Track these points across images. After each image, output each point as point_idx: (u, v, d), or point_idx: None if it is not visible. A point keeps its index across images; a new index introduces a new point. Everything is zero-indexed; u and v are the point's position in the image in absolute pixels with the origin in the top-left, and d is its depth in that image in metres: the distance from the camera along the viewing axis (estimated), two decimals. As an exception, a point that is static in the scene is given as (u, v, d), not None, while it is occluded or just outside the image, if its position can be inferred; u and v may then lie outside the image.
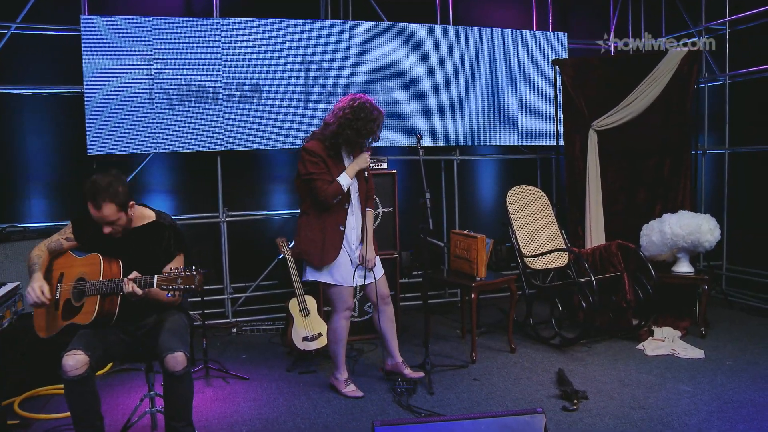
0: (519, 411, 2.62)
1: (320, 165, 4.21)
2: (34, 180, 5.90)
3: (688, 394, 4.28)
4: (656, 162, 6.19)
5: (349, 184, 4.27)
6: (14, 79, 5.72)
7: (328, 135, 4.24)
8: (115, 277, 3.34)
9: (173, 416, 3.34)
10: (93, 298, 3.31)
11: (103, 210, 3.27)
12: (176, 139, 5.84)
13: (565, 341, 5.32)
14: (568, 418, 3.94)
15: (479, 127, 6.83)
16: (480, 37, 6.76)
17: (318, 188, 4.19)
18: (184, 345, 3.32)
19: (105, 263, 3.35)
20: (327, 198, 4.19)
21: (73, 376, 3.13)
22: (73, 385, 3.15)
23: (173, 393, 3.30)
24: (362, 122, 4.20)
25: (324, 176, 4.20)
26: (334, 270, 4.31)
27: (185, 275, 3.18)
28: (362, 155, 4.33)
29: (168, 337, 3.33)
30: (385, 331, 4.60)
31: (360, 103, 4.21)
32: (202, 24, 5.87)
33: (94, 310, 3.29)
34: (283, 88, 6.12)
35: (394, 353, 4.68)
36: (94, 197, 3.26)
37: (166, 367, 3.24)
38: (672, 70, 5.99)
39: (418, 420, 3.17)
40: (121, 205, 3.31)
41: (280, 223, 6.56)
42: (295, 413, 4.15)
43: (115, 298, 3.34)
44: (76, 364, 3.13)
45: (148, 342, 3.45)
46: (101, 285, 3.29)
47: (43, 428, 3.93)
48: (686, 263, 5.65)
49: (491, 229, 6.10)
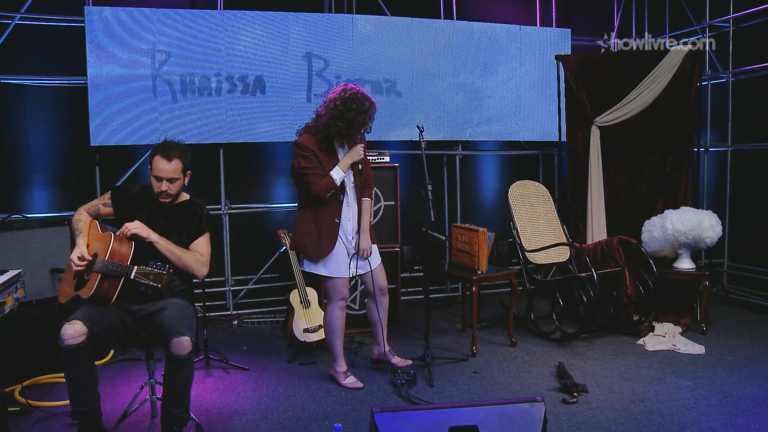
0: (518, 399, 2.62)
1: (312, 159, 4.19)
2: (37, 170, 5.91)
3: (688, 388, 4.29)
4: (658, 158, 6.19)
5: (342, 177, 4.24)
6: (18, 69, 5.74)
7: (320, 127, 4.21)
8: (123, 258, 3.42)
9: (171, 402, 3.35)
10: (95, 275, 3.39)
11: (173, 163, 3.52)
12: (179, 131, 5.83)
13: (565, 336, 5.33)
14: (567, 411, 3.95)
15: (482, 122, 6.84)
16: (483, 32, 6.77)
17: (310, 183, 4.18)
18: (190, 330, 3.34)
19: (115, 243, 3.44)
20: (320, 192, 4.18)
21: (70, 345, 3.18)
22: (69, 354, 3.20)
23: (174, 378, 3.32)
24: (353, 113, 4.14)
25: (316, 170, 4.18)
26: (329, 262, 4.31)
27: (157, 272, 3.30)
28: (355, 148, 4.29)
29: (175, 321, 3.35)
30: (377, 320, 4.60)
31: (351, 93, 4.17)
32: (205, 16, 5.88)
33: (93, 286, 3.36)
34: (287, 81, 6.13)
35: (382, 342, 4.70)
36: (166, 151, 3.54)
37: (171, 351, 3.26)
38: (675, 67, 5.99)
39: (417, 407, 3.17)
40: (185, 166, 3.59)
41: (282, 215, 6.57)
42: (295, 403, 4.16)
43: (115, 281, 3.40)
44: (74, 333, 3.18)
45: (151, 325, 3.47)
46: (105, 265, 3.37)
47: (43, 415, 3.93)
48: (687, 259, 5.66)
49: (493, 225, 6.10)
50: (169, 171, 3.52)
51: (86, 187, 5.83)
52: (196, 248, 3.63)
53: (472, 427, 2.49)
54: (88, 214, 3.66)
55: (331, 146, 4.29)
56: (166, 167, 3.51)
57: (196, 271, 3.58)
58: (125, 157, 5.95)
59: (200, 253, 3.62)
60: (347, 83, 4.29)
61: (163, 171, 3.52)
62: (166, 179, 3.53)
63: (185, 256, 3.55)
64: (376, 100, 4.32)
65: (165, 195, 3.58)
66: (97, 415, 3.37)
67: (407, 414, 2.56)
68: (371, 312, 4.63)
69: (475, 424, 2.49)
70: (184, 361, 3.27)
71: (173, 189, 3.58)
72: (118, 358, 4.96)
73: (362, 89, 4.24)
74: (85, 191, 5.75)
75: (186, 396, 3.39)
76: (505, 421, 2.53)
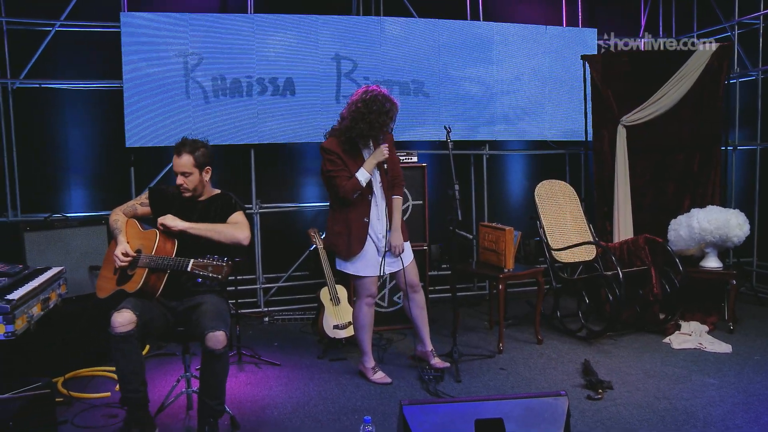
0: (542, 393, 2.70)
1: (337, 162, 4.28)
2: (75, 171, 6.10)
3: (714, 386, 4.31)
4: (685, 157, 6.19)
5: (368, 178, 4.31)
6: (56, 74, 5.92)
7: (343, 129, 4.30)
8: (169, 253, 3.57)
9: (208, 394, 3.47)
10: (142, 270, 3.54)
11: (182, 158, 3.71)
12: (211, 132, 5.97)
13: (591, 334, 5.37)
14: (592, 407, 4.00)
15: (509, 122, 6.89)
16: (509, 32, 6.82)
17: (337, 185, 4.28)
18: (225, 325, 3.46)
19: (160, 240, 3.60)
20: (346, 194, 4.27)
21: (121, 332, 3.32)
22: (119, 342, 3.33)
23: (210, 371, 3.44)
24: (375, 115, 4.22)
25: (342, 173, 4.28)
26: (358, 261, 4.40)
27: (216, 264, 3.38)
28: (379, 149, 4.35)
29: (211, 316, 3.48)
30: (415, 317, 4.67)
31: (372, 95, 4.24)
32: (236, 20, 6.02)
33: (140, 281, 3.50)
34: (316, 82, 6.24)
35: (425, 340, 4.75)
36: (178, 147, 3.75)
37: (207, 345, 3.38)
38: (702, 65, 5.99)
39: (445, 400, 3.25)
40: (197, 161, 3.73)
41: (312, 215, 6.67)
42: (325, 398, 4.26)
43: (161, 275, 3.55)
44: (123, 321, 3.32)
45: (188, 320, 3.61)
46: (152, 260, 3.52)
47: (84, 406, 4.08)
48: (714, 258, 5.66)
49: (519, 224, 6.13)
50: (180, 165, 3.70)
51: (122, 187, 6.00)
52: (232, 220, 3.79)
53: (498, 419, 2.57)
54: (124, 214, 3.84)
55: (355, 148, 4.37)
56: (176, 161, 3.72)
57: (240, 237, 3.67)
58: (159, 157, 6.10)
59: (236, 221, 3.78)
60: (369, 85, 4.37)
61: (175, 165, 3.73)
62: (180, 173, 3.73)
63: (223, 228, 3.70)
64: (399, 101, 4.40)
65: (183, 189, 3.76)
66: (145, 401, 3.49)
67: (435, 407, 2.65)
68: (407, 310, 4.70)
69: (500, 417, 2.57)
70: (220, 354, 3.39)
71: (189, 183, 3.74)
72: (154, 353, 5.10)
73: (384, 90, 4.31)
74: (121, 191, 5.91)
75: (221, 389, 3.50)
76: (529, 414, 2.61)
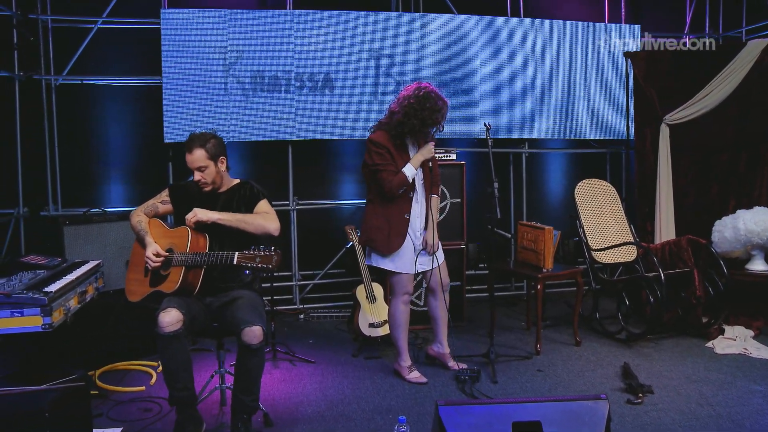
0: (582, 396, 2.63)
1: (386, 156, 4.26)
2: (114, 166, 6.17)
3: (761, 393, 4.18)
4: (730, 156, 6.04)
5: (414, 174, 4.30)
6: (97, 70, 6.00)
7: (394, 124, 4.27)
8: (201, 250, 3.54)
9: (242, 390, 3.46)
10: (178, 268, 3.52)
11: (194, 153, 3.64)
12: (249, 128, 6.01)
13: (631, 336, 5.25)
14: (632, 411, 3.91)
15: (548, 120, 6.79)
16: (550, 29, 6.72)
17: (383, 179, 4.25)
18: (261, 320, 3.45)
19: (193, 236, 3.57)
20: (393, 189, 4.25)
21: (169, 332, 3.30)
22: (168, 341, 3.32)
23: (245, 366, 3.43)
24: (428, 112, 4.20)
25: (389, 167, 4.25)
26: (396, 257, 4.37)
27: (264, 254, 3.34)
28: (427, 146, 4.34)
29: (247, 311, 3.47)
30: (438, 317, 4.64)
31: (425, 92, 4.22)
32: (275, 16, 6.02)
33: (178, 280, 3.49)
34: (354, 79, 6.22)
35: (443, 341, 4.71)
36: (188, 144, 3.67)
37: (243, 340, 3.36)
38: (751, 61, 5.82)
39: (481, 401, 3.19)
40: (209, 152, 3.65)
41: (349, 212, 6.65)
42: (360, 396, 4.23)
43: (198, 271, 3.54)
44: (171, 320, 3.31)
45: (223, 316, 3.59)
46: (187, 257, 3.50)
47: (119, 400, 4.12)
48: (761, 261, 5.51)
49: (559, 223, 6.04)
50: (194, 160, 3.64)
51: (160, 183, 6.00)
52: (259, 210, 3.76)
53: (536, 422, 2.50)
54: (145, 214, 3.81)
55: (404, 143, 4.35)
56: (189, 158, 3.66)
57: (270, 227, 3.65)
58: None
59: (265, 211, 3.75)
60: (420, 81, 4.34)
61: (189, 162, 3.67)
62: (195, 169, 3.67)
63: (252, 218, 3.66)
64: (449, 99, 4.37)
65: (203, 183, 3.70)
66: (194, 399, 3.50)
67: (471, 408, 2.59)
68: (432, 309, 4.67)
69: (539, 420, 2.51)
70: (256, 350, 3.38)
71: (207, 177, 3.68)
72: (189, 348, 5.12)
73: (436, 88, 4.28)
74: (159, 186, 5.81)
75: (256, 385, 3.50)
76: (568, 417, 2.54)
